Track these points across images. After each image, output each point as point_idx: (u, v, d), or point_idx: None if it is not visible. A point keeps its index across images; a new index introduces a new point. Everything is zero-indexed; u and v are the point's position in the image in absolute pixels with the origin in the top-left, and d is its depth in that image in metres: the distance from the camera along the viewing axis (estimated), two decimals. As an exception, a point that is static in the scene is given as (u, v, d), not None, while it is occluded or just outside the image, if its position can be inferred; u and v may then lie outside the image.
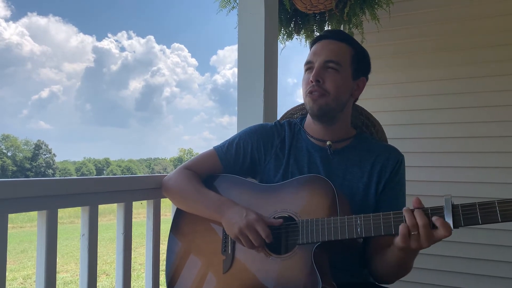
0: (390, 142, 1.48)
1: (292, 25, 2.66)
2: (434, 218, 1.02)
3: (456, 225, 1.01)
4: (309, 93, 1.31)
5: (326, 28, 2.69)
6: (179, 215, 1.43)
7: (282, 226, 1.22)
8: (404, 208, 1.07)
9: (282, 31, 2.69)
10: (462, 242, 2.65)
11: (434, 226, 1.02)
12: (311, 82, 1.29)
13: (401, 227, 1.04)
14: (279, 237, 1.22)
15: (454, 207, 1.02)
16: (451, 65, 2.76)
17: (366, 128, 1.56)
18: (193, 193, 1.35)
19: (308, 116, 1.41)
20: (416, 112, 2.85)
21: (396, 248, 1.10)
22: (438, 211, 1.04)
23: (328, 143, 1.35)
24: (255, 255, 1.23)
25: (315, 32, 2.65)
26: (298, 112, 1.64)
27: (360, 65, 1.35)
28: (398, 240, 1.06)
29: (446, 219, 1.01)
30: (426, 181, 2.76)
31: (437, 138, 2.78)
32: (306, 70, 1.35)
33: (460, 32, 2.75)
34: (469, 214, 1.00)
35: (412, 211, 1.05)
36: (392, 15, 2.64)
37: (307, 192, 1.23)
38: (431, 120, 2.79)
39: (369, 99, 2.95)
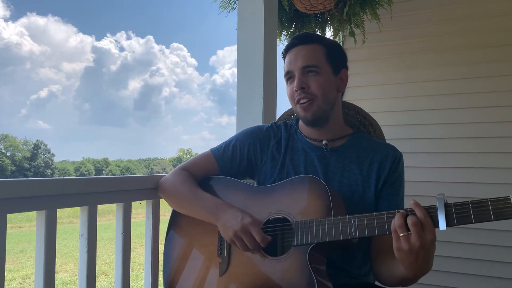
0: (389, 142, 1.48)
1: (293, 26, 2.66)
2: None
3: (449, 224, 1.01)
4: (299, 103, 1.32)
5: (327, 29, 2.69)
6: (175, 217, 1.43)
7: (277, 228, 1.22)
8: (398, 212, 1.06)
9: (283, 32, 2.69)
10: (460, 243, 2.65)
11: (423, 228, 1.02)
12: (296, 90, 1.31)
13: (391, 224, 1.05)
14: (274, 239, 1.23)
15: (447, 206, 1.02)
16: (452, 65, 2.76)
17: (364, 127, 1.57)
18: (189, 195, 1.35)
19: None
20: (416, 113, 2.85)
21: (397, 260, 1.08)
22: (431, 210, 1.04)
23: (324, 142, 1.36)
24: (251, 257, 1.23)
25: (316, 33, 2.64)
26: (295, 113, 1.64)
27: (336, 59, 1.37)
28: (393, 246, 1.05)
29: (439, 218, 1.01)
30: (424, 181, 2.76)
31: (437, 138, 2.78)
32: (287, 81, 1.38)
33: (461, 32, 2.75)
34: (462, 213, 1.00)
35: (405, 214, 1.04)
36: (393, 15, 2.64)
37: (301, 192, 1.23)
38: (432, 120, 2.80)
39: (369, 99, 2.96)
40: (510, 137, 2.59)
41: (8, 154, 77.01)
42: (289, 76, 1.36)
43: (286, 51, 1.39)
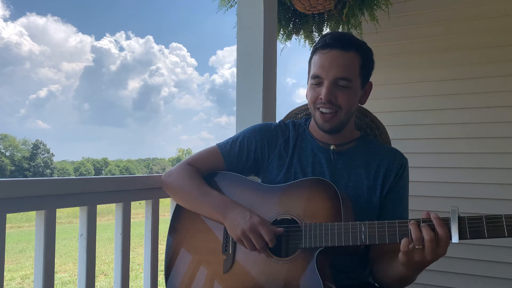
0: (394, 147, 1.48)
1: (291, 26, 2.66)
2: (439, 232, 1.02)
3: (461, 237, 1.01)
4: (319, 111, 1.28)
5: (325, 29, 2.69)
6: (178, 212, 1.41)
7: (285, 229, 1.21)
8: (411, 222, 1.06)
9: (281, 32, 2.69)
10: (459, 243, 2.65)
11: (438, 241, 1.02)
12: (321, 99, 1.26)
13: (403, 242, 1.04)
14: (280, 240, 1.22)
15: (461, 219, 1.02)
16: (451, 66, 2.77)
17: (370, 130, 1.56)
18: (195, 191, 1.33)
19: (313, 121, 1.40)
20: (415, 113, 2.86)
21: (400, 263, 1.09)
22: (444, 223, 1.03)
23: (332, 147, 1.35)
24: (256, 256, 1.22)
25: (314, 33, 2.65)
26: (302, 112, 1.63)
27: (368, 71, 1.33)
28: (400, 254, 1.06)
29: (452, 231, 1.01)
30: (427, 181, 2.76)
31: (437, 138, 2.78)
32: (314, 83, 1.29)
33: (460, 33, 2.75)
34: (475, 227, 1.00)
35: (418, 224, 1.04)
36: (391, 16, 2.64)
37: (311, 195, 1.23)
38: (431, 120, 2.80)
39: (368, 99, 2.95)
40: (511, 137, 2.59)
41: (7, 154, 76.93)
42: (317, 81, 1.28)
43: (320, 49, 1.28)
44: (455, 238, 1.01)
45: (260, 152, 1.40)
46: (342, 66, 1.25)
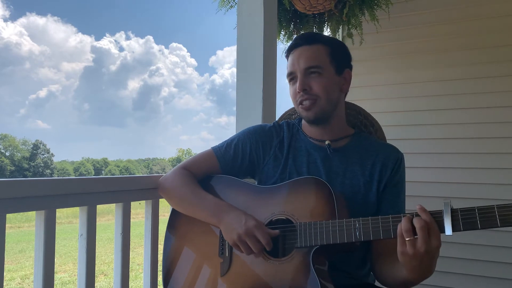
0: (389, 143, 1.48)
1: (292, 26, 2.66)
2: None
3: (455, 229, 1.01)
4: (301, 104, 1.32)
5: (325, 29, 2.69)
6: (175, 215, 1.42)
7: (280, 229, 1.22)
8: (405, 216, 1.06)
9: (282, 32, 2.69)
10: (459, 243, 2.66)
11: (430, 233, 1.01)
12: (299, 92, 1.31)
13: (398, 228, 1.04)
14: (276, 240, 1.22)
15: (453, 211, 1.01)
16: (450, 66, 2.76)
17: (365, 127, 1.56)
18: (190, 195, 1.34)
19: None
20: (415, 113, 2.85)
21: (405, 269, 1.08)
22: (437, 215, 1.03)
23: (327, 142, 1.35)
24: (253, 258, 1.22)
25: (314, 33, 2.65)
26: (296, 113, 1.64)
27: (340, 59, 1.36)
28: (398, 247, 1.05)
29: (445, 223, 1.01)
30: (425, 182, 2.76)
31: (436, 139, 2.78)
32: (290, 81, 1.37)
33: (459, 33, 2.75)
34: (468, 219, 1.00)
35: (411, 218, 1.04)
36: (391, 16, 2.64)
37: (305, 194, 1.23)
38: (430, 121, 2.80)
39: (368, 100, 2.96)
40: (509, 138, 2.59)
41: (7, 154, 76.91)
42: (292, 77, 1.35)
43: (289, 51, 1.37)
44: (448, 230, 1.01)
45: (255, 154, 1.40)
46: (309, 57, 1.32)
